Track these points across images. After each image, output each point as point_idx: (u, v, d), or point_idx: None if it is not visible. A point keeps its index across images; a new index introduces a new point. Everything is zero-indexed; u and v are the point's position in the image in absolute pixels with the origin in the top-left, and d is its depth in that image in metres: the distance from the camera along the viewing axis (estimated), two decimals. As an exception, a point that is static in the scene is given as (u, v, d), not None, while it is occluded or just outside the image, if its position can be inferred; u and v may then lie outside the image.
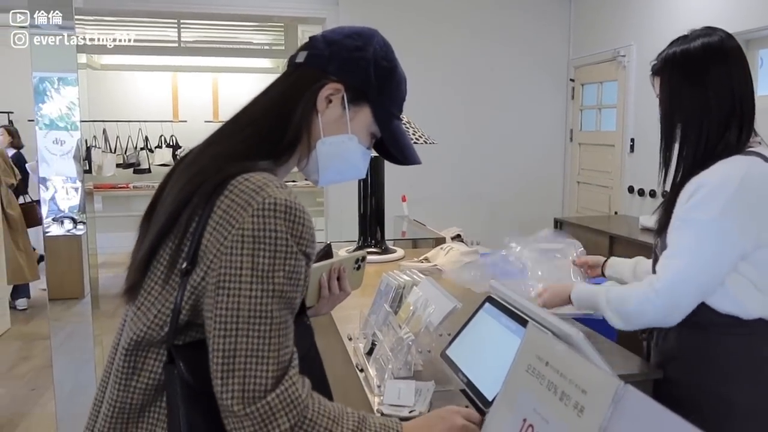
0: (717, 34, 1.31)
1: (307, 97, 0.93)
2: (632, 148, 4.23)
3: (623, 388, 0.62)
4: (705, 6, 3.53)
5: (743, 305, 1.24)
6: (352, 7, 4.54)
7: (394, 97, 1.01)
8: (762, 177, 1.22)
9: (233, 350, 0.77)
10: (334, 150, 0.96)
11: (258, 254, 0.78)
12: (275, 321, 0.79)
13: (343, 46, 0.96)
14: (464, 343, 1.22)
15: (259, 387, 0.76)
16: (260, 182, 0.82)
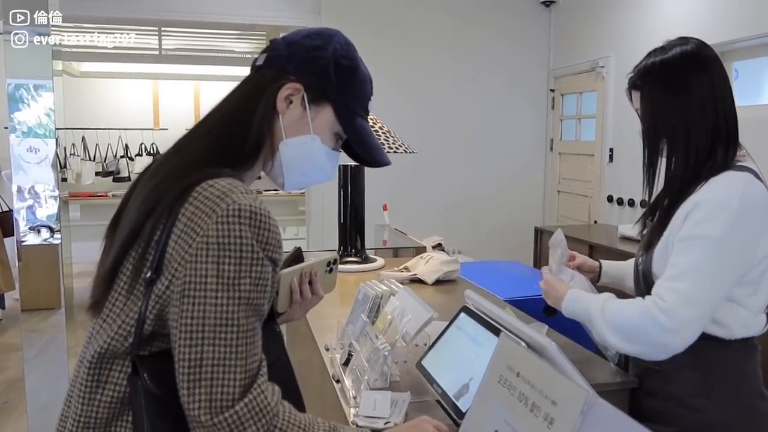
0: (692, 42, 1.30)
1: (267, 98, 0.92)
2: (611, 157, 4.28)
3: (592, 399, 0.62)
4: (681, 18, 3.59)
5: (729, 328, 1.23)
6: (335, 16, 4.55)
7: (357, 95, 0.98)
8: (758, 196, 1.20)
9: (199, 359, 0.76)
10: (298, 151, 0.94)
11: (223, 261, 0.77)
12: (242, 328, 0.77)
13: (302, 45, 0.95)
14: (439, 353, 1.21)
15: (226, 396, 0.75)
16: (225, 188, 0.81)
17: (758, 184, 1.22)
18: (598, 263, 1.62)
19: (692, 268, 1.16)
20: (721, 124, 1.26)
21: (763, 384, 1.32)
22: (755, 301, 1.25)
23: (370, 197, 2.65)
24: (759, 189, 1.21)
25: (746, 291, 1.23)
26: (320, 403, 1.60)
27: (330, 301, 2.06)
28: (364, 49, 4.03)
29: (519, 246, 4.64)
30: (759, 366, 1.31)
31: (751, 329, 1.25)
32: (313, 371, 1.63)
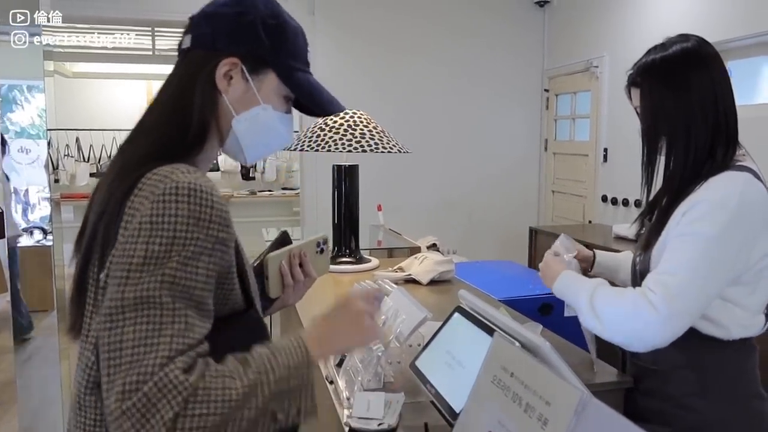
0: (693, 39, 1.29)
1: (203, 81, 0.87)
2: (605, 157, 4.28)
3: (586, 399, 0.61)
4: (675, 17, 3.60)
5: (727, 328, 1.23)
6: (329, 17, 4.54)
7: (294, 52, 0.93)
8: (757, 195, 1.19)
9: (119, 342, 0.69)
10: (252, 124, 0.90)
11: (153, 241, 0.72)
12: (166, 308, 0.70)
13: (225, 17, 0.88)
14: (433, 353, 1.20)
15: (141, 378, 0.67)
16: (166, 171, 0.77)
17: (757, 184, 1.21)
18: (592, 253, 1.59)
19: (685, 264, 1.15)
20: (721, 122, 1.25)
21: (762, 384, 1.31)
22: (753, 302, 1.25)
23: (365, 197, 2.64)
24: (758, 189, 1.20)
25: (743, 291, 1.22)
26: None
27: (323, 301, 2.05)
28: (359, 47, 4.07)
29: (514, 246, 4.64)
30: (757, 366, 1.30)
31: (749, 330, 1.25)
32: (307, 372, 1.62)
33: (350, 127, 2.36)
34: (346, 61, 4.60)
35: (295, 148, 2.41)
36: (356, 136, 2.33)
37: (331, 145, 2.31)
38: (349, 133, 2.34)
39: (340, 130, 2.35)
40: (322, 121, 2.44)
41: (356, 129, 2.36)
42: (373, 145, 2.33)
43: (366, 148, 2.31)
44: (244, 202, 7.04)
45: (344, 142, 2.31)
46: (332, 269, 2.42)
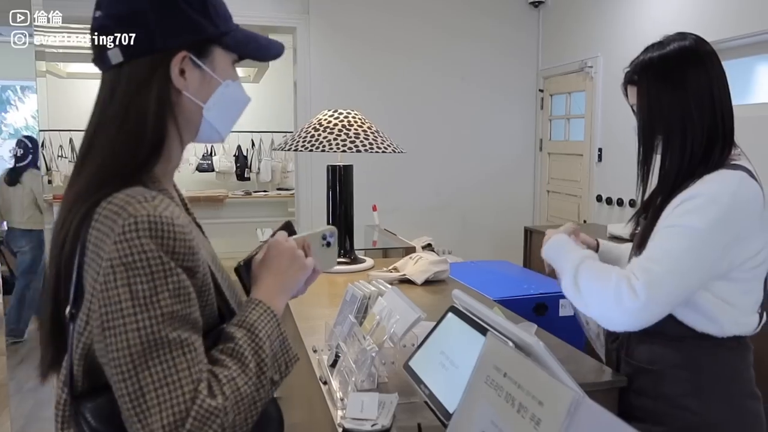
0: (690, 37, 1.29)
1: (157, 87, 0.81)
2: (600, 157, 4.29)
3: (579, 399, 0.61)
4: (669, 17, 3.61)
5: (721, 325, 1.23)
6: (323, 16, 4.54)
7: (222, 15, 0.87)
8: (750, 194, 1.19)
9: (140, 389, 0.71)
10: (222, 105, 0.88)
11: (134, 282, 0.71)
12: (174, 343, 0.72)
13: (146, 14, 0.80)
14: (427, 354, 1.19)
15: (179, 416, 0.70)
16: (121, 202, 0.75)
17: (752, 183, 1.21)
18: (596, 242, 1.59)
19: (670, 254, 1.16)
20: (718, 120, 1.25)
21: (756, 384, 1.31)
22: (747, 301, 1.25)
23: (360, 198, 2.63)
24: (752, 188, 1.20)
25: (737, 289, 1.23)
26: (308, 405, 1.58)
27: (318, 301, 2.05)
28: (353, 47, 4.07)
29: (509, 246, 4.64)
30: (751, 366, 1.30)
31: (742, 328, 1.25)
32: (301, 373, 1.62)
33: (344, 127, 2.36)
34: (340, 61, 4.60)
35: (289, 148, 2.40)
36: (351, 136, 2.33)
37: (326, 145, 2.30)
38: (344, 133, 2.33)
39: (334, 130, 2.35)
40: (316, 121, 2.44)
41: (350, 129, 2.36)
42: (367, 145, 2.32)
43: (360, 148, 2.31)
44: (239, 203, 7.03)
45: (338, 142, 2.30)
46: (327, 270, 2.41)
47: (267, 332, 0.82)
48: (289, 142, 2.44)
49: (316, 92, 4.51)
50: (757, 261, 1.22)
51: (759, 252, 1.22)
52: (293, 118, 4.66)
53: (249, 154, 7.39)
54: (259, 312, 0.84)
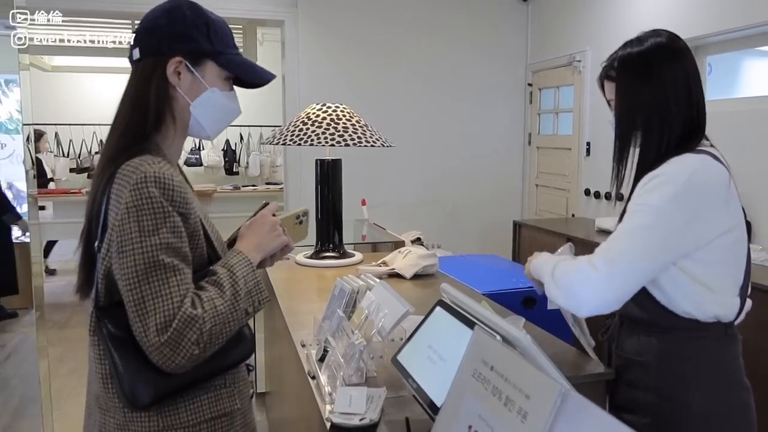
0: (665, 34, 1.32)
1: (157, 80, 1.09)
2: (588, 151, 4.31)
3: (566, 393, 0.61)
4: (656, 12, 3.62)
5: (700, 305, 1.25)
6: (311, 9, 4.51)
7: (223, 41, 1.14)
8: (711, 174, 1.22)
9: (141, 298, 0.95)
10: (205, 106, 1.13)
11: (142, 218, 0.97)
12: (168, 266, 0.97)
13: (162, 27, 1.10)
14: (415, 348, 1.20)
15: (168, 319, 0.94)
16: (136, 164, 1.01)
17: (715, 165, 1.24)
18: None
19: (628, 230, 1.21)
20: (693, 114, 1.29)
21: (746, 375, 1.32)
22: (724, 283, 1.27)
23: (349, 192, 2.63)
24: (715, 169, 1.24)
25: (712, 272, 1.24)
26: (296, 400, 1.58)
27: (306, 296, 2.04)
28: (343, 40, 4.04)
29: (498, 240, 4.65)
30: (740, 356, 1.31)
31: (724, 309, 1.26)
32: (290, 368, 1.61)
33: (333, 121, 2.35)
34: (328, 54, 4.57)
35: (278, 142, 2.39)
36: (339, 130, 2.32)
37: (314, 139, 2.29)
38: (332, 127, 2.32)
39: (323, 124, 2.33)
40: (304, 114, 2.42)
41: (339, 123, 2.35)
42: (356, 139, 2.31)
43: (349, 142, 2.30)
44: (227, 197, 6.99)
45: (327, 136, 2.29)
46: (316, 264, 2.41)
47: (242, 273, 1.07)
48: (278, 136, 2.43)
49: (304, 86, 4.49)
50: (727, 241, 1.24)
51: (728, 232, 1.24)
52: (282, 111, 4.64)
53: (237, 149, 7.35)
54: (238, 258, 1.09)
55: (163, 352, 0.94)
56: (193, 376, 1.02)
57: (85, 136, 6.82)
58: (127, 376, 0.99)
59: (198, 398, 1.06)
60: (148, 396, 0.99)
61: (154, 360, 0.95)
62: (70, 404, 3.36)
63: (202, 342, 0.96)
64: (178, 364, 0.95)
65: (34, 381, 3.14)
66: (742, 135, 3.03)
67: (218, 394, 1.09)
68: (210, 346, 0.98)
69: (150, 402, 1.00)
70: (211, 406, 1.07)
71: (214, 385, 1.08)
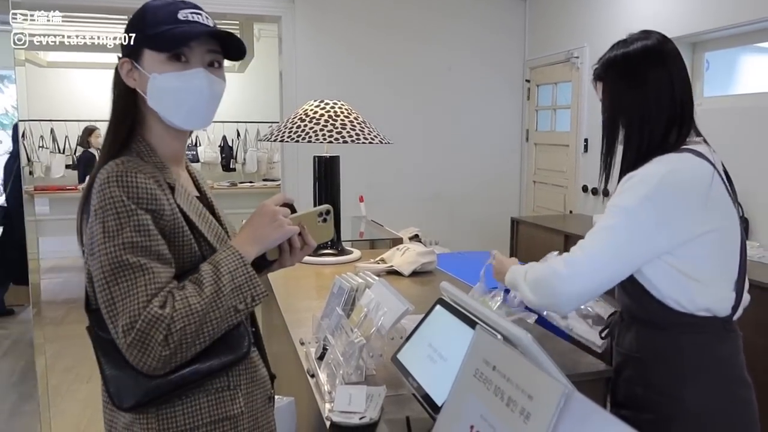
0: (654, 36, 1.34)
1: (118, 87, 1.10)
2: (586, 147, 4.31)
3: (569, 393, 0.60)
4: (655, 8, 3.62)
5: (692, 298, 1.25)
6: (308, 5, 4.49)
7: (155, 21, 1.06)
8: (688, 171, 1.24)
9: (111, 299, 0.94)
10: (156, 95, 1.06)
11: (106, 219, 0.96)
12: (134, 266, 0.95)
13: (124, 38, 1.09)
14: (415, 346, 1.19)
15: (133, 318, 0.92)
16: (108, 166, 1.00)
17: (696, 161, 1.25)
18: None
19: (599, 229, 1.26)
20: (677, 112, 1.31)
21: (747, 371, 1.32)
22: (713, 275, 1.27)
23: (346, 188, 2.62)
24: (693, 167, 1.25)
25: (697, 265, 1.25)
26: (295, 398, 1.58)
27: (305, 294, 2.04)
28: (340, 36, 4.01)
29: (496, 236, 4.65)
30: (740, 352, 1.31)
31: (716, 303, 1.26)
32: (289, 366, 1.61)
33: (331, 118, 2.34)
34: (326, 51, 4.56)
35: (275, 139, 2.38)
36: (337, 127, 2.31)
37: (312, 136, 2.28)
38: (330, 124, 2.31)
39: (320, 120, 2.32)
40: (302, 111, 2.41)
41: (337, 120, 2.34)
42: (354, 136, 2.30)
43: (347, 139, 2.29)
44: (224, 194, 6.98)
45: (325, 133, 2.28)
46: (313, 261, 2.40)
47: (229, 268, 1.01)
48: (275, 133, 2.42)
49: (302, 82, 4.47)
50: (711, 238, 1.25)
51: (712, 231, 1.24)
52: (279, 108, 4.62)
53: (234, 145, 7.33)
54: (227, 253, 1.04)
55: (132, 354, 0.92)
56: (181, 377, 0.98)
57: (80, 132, 6.79)
58: (112, 378, 0.99)
59: (197, 401, 1.02)
60: (130, 399, 0.98)
61: (129, 361, 0.94)
62: (67, 401, 3.35)
63: (173, 342, 0.93)
64: (150, 365, 0.93)
65: (31, 377, 3.13)
66: (740, 131, 3.03)
67: (220, 396, 1.05)
68: (183, 346, 0.94)
69: (133, 404, 0.98)
70: (210, 409, 1.03)
71: (214, 387, 1.04)
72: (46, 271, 6.23)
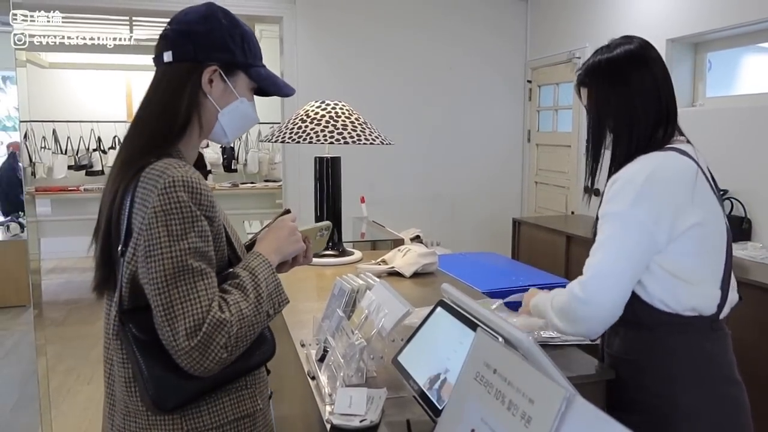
0: (636, 41, 1.37)
1: (191, 86, 1.09)
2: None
3: (570, 397, 0.60)
4: (656, 8, 3.61)
5: (677, 297, 1.26)
6: (310, 6, 4.49)
7: (254, 53, 1.16)
8: (673, 168, 1.26)
9: (170, 302, 0.95)
10: (233, 115, 1.15)
11: (171, 223, 0.96)
12: (196, 271, 0.97)
13: (198, 33, 1.10)
14: (416, 349, 1.19)
15: (197, 323, 0.94)
16: (162, 167, 1.00)
17: (680, 159, 1.27)
18: None
19: (601, 243, 1.25)
20: (663, 117, 1.33)
21: (738, 371, 1.32)
22: (701, 274, 1.28)
23: (348, 189, 2.61)
24: (678, 163, 1.27)
25: (683, 264, 1.25)
26: (296, 400, 1.57)
27: (306, 295, 2.03)
28: (341, 37, 4.02)
29: (497, 237, 4.65)
30: (730, 352, 1.32)
31: (703, 301, 1.27)
32: (289, 368, 1.61)
33: (332, 119, 2.33)
34: (327, 51, 4.56)
35: (276, 140, 2.38)
36: (338, 128, 2.30)
37: (313, 136, 2.28)
38: (331, 125, 2.31)
39: (321, 121, 2.32)
40: (303, 112, 2.41)
41: (338, 120, 2.33)
42: (355, 137, 2.30)
43: (348, 140, 2.28)
44: (226, 194, 6.98)
45: (326, 133, 2.28)
46: (315, 262, 2.39)
47: (264, 276, 1.07)
48: (277, 134, 2.41)
49: (303, 83, 4.47)
50: (698, 233, 1.25)
51: (699, 225, 1.25)
52: (280, 108, 4.62)
53: (236, 146, 7.33)
54: (259, 261, 1.09)
55: (193, 356, 0.94)
56: (218, 378, 1.02)
57: (83, 133, 6.79)
58: (152, 380, 0.98)
59: (220, 400, 1.06)
60: (174, 400, 0.99)
61: (183, 364, 0.95)
62: (68, 402, 3.35)
63: (230, 345, 0.97)
64: (207, 367, 0.95)
65: (32, 379, 3.13)
66: (742, 132, 3.02)
67: (240, 395, 1.09)
68: (236, 349, 0.99)
69: (175, 406, 1.00)
70: (233, 408, 1.08)
71: (235, 387, 1.09)
72: (47, 272, 6.24)
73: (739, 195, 2.96)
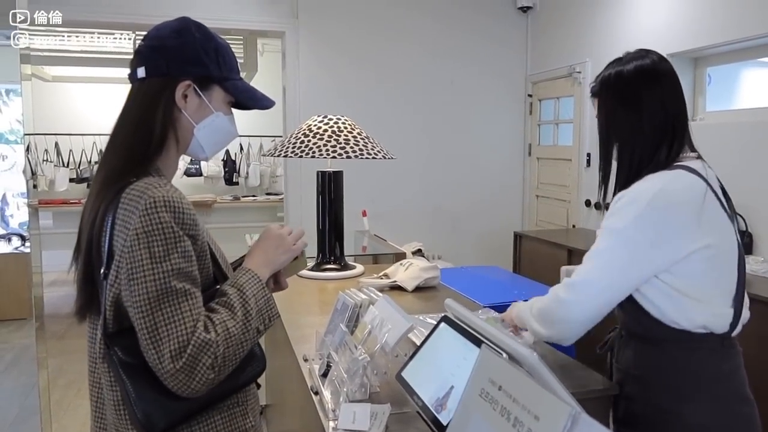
0: (650, 56, 1.36)
1: (165, 103, 1.08)
2: (588, 162, 4.31)
3: (576, 415, 0.60)
4: (656, 23, 3.64)
5: (689, 316, 1.25)
6: (312, 21, 4.52)
7: (229, 64, 1.14)
8: (679, 190, 1.25)
9: (154, 325, 0.93)
10: (209, 130, 1.13)
11: (153, 245, 0.95)
12: (180, 292, 0.95)
13: (171, 48, 1.08)
14: (420, 364, 1.19)
15: (182, 344, 0.93)
16: (142, 188, 0.99)
17: (688, 178, 1.26)
18: None
19: (595, 253, 1.27)
20: (668, 129, 1.32)
21: (750, 388, 1.31)
22: (711, 293, 1.27)
23: (349, 203, 2.62)
24: (685, 182, 1.26)
25: (693, 283, 1.25)
26: (299, 415, 1.57)
27: (308, 309, 2.03)
28: (343, 52, 4.05)
29: (499, 251, 4.65)
30: (741, 368, 1.30)
31: (714, 319, 1.26)
32: (292, 383, 1.60)
33: (334, 133, 2.35)
34: (329, 65, 4.59)
35: (279, 154, 2.39)
36: (340, 142, 2.32)
37: (315, 151, 2.29)
38: (333, 139, 2.32)
39: (324, 136, 2.33)
40: (305, 126, 2.42)
41: (340, 135, 2.35)
42: (357, 151, 2.31)
43: (351, 154, 2.30)
44: (227, 208, 6.99)
45: (328, 148, 2.29)
46: (317, 276, 2.40)
47: (252, 292, 1.06)
48: (279, 148, 2.43)
49: (305, 97, 4.50)
50: (706, 255, 1.24)
51: (706, 248, 1.24)
52: (282, 122, 4.64)
53: (237, 159, 7.35)
54: (247, 277, 1.08)
55: (179, 378, 0.93)
56: (208, 398, 1.01)
57: (84, 145, 6.82)
58: (141, 402, 0.97)
59: (212, 419, 1.05)
60: (164, 422, 0.98)
61: (170, 386, 0.94)
62: (69, 416, 3.34)
63: (217, 366, 0.95)
64: (194, 389, 0.94)
65: (33, 392, 3.12)
66: (742, 146, 3.03)
67: (232, 413, 1.08)
68: (224, 369, 0.97)
69: (166, 427, 0.99)
70: (225, 426, 1.07)
71: (227, 405, 1.07)
72: (48, 285, 6.22)
73: (740, 209, 2.93)
